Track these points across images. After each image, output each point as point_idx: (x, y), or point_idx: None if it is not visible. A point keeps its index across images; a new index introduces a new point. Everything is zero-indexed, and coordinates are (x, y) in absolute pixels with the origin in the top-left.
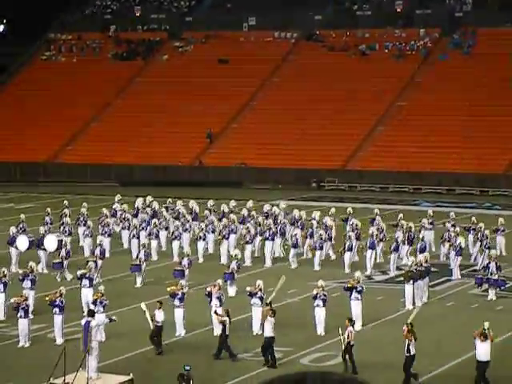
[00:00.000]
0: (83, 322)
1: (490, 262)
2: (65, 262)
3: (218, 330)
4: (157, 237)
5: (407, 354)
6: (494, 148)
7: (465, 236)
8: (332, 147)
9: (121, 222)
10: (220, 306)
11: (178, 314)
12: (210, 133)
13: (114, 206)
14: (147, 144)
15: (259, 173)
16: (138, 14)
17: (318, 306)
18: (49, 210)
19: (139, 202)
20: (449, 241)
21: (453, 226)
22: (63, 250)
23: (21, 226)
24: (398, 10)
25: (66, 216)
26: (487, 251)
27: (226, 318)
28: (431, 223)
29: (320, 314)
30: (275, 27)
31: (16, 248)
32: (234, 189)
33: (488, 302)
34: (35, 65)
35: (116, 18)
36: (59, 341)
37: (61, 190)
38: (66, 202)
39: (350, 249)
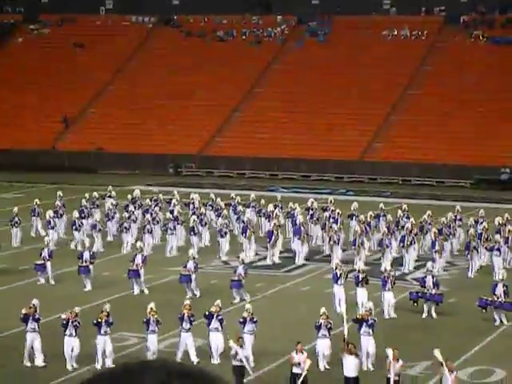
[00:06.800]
0: None
1: (426, 276)
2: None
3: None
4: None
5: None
6: (350, 135)
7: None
8: (189, 132)
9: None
10: (221, 329)
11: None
12: (66, 117)
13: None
14: (1, 127)
15: (116, 158)
16: None
17: (324, 336)
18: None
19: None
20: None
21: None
22: (86, 252)
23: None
24: None
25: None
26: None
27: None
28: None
29: (325, 345)
30: (132, 11)
31: None
32: (89, 174)
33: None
34: None
35: None
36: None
37: None
38: (87, 194)
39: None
